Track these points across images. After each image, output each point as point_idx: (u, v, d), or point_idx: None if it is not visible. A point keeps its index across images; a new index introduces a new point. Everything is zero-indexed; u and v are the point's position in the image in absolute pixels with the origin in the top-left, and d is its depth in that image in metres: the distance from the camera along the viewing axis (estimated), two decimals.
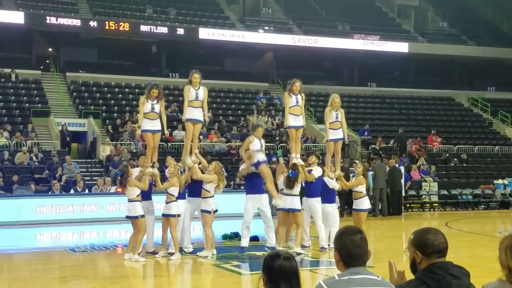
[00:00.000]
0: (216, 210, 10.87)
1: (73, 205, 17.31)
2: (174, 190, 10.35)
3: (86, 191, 18.86)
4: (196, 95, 11.30)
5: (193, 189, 11.24)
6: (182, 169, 11.30)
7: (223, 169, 12.72)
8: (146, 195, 10.75)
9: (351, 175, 18.58)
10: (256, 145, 10.91)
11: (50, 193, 18.36)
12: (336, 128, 12.77)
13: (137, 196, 10.05)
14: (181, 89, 29.94)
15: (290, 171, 11.10)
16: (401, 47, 33.77)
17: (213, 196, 10.83)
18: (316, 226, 11.68)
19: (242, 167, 11.75)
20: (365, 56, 33.47)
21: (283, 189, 11.17)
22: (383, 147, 25.70)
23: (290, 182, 10.95)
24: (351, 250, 3.21)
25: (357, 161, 22.44)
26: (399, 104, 32.58)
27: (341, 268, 3.24)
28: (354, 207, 12.22)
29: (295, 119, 11.75)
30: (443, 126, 30.20)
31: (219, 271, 9.72)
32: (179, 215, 10.45)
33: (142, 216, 10.01)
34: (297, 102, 11.76)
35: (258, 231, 12.10)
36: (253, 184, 11.02)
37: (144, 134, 11.26)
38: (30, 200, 17.09)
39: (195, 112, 11.41)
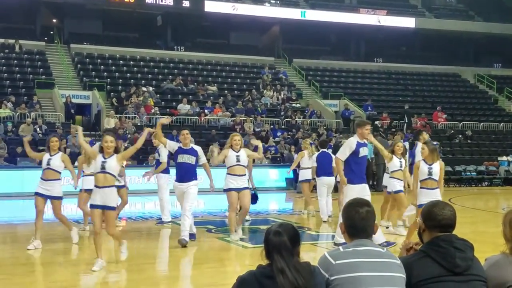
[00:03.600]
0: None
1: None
2: None
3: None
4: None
5: None
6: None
7: None
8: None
9: None
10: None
11: None
12: None
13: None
14: (186, 62, 30.26)
15: None
16: (408, 22, 33.54)
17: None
18: None
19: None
20: (372, 31, 33.26)
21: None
22: (388, 123, 25.68)
23: None
24: (355, 222, 3.25)
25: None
26: (405, 80, 32.48)
27: (347, 239, 3.29)
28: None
29: None
30: (448, 102, 30.16)
31: (222, 244, 9.86)
32: None
33: None
34: None
35: None
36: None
37: None
38: (34, 172, 17.13)
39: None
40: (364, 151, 9.02)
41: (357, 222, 3.24)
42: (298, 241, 3.13)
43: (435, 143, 9.60)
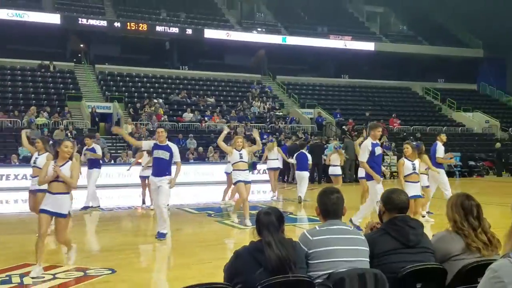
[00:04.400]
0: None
1: (102, 173, 17.24)
2: None
3: (112, 161, 18.92)
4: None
5: None
6: None
7: None
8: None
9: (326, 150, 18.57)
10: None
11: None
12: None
13: None
14: (189, 78, 30.25)
15: None
16: (369, 46, 33.81)
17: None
18: None
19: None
20: (339, 53, 33.30)
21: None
22: (353, 127, 25.79)
23: None
24: (328, 206, 3.28)
25: (331, 138, 22.54)
26: (366, 93, 32.61)
27: (322, 220, 3.32)
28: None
29: None
30: (401, 110, 30.31)
31: (221, 226, 9.80)
32: None
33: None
34: None
35: None
36: None
37: None
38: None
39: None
40: (378, 150, 8.48)
41: (329, 206, 3.27)
42: (283, 220, 3.16)
43: (415, 143, 9.03)
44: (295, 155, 14.07)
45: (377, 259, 3.13)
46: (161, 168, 7.99)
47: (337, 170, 12.87)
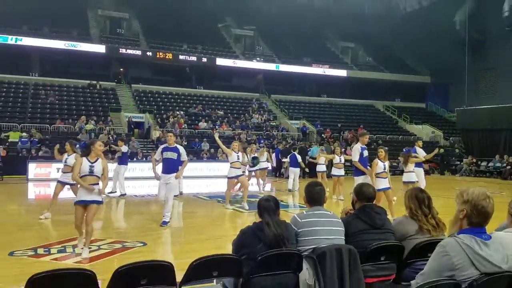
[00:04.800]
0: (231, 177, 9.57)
1: (136, 168, 17.30)
2: None
3: (143, 159, 18.87)
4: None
5: None
6: None
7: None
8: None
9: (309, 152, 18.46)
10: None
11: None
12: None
13: None
14: (204, 96, 30.23)
15: None
16: (342, 73, 33.80)
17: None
18: None
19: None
20: (320, 77, 33.29)
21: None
22: (330, 135, 25.77)
23: None
24: (313, 195, 3.28)
25: (313, 143, 22.49)
26: (340, 109, 32.51)
27: (308, 206, 3.32)
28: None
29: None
30: (367, 122, 30.08)
31: (228, 210, 9.79)
32: None
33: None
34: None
35: None
36: None
37: None
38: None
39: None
40: (365, 153, 8.37)
41: (314, 196, 3.27)
42: (278, 206, 3.17)
43: (404, 150, 8.90)
44: (288, 156, 14.21)
45: (351, 237, 3.13)
46: (170, 166, 7.47)
47: (323, 168, 12.89)
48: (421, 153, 10.62)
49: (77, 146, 9.50)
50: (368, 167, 8.40)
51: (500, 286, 2.36)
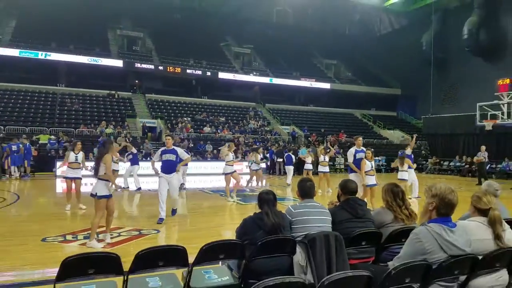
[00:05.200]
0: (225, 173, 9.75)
1: (149, 166, 17.05)
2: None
3: None
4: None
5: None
6: None
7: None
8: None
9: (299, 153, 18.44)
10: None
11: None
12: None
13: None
14: (208, 104, 30.18)
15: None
16: (326, 85, 33.83)
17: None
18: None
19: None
20: (307, 89, 33.35)
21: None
22: (315, 139, 25.80)
23: None
24: (305, 190, 3.29)
25: (301, 146, 22.49)
26: (325, 116, 32.53)
27: (300, 199, 3.32)
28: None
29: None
30: (347, 128, 30.11)
31: (229, 202, 9.78)
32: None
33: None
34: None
35: None
36: None
37: None
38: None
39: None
40: (359, 155, 8.04)
41: (306, 190, 3.28)
42: (276, 198, 3.17)
43: (372, 149, 8.83)
44: (284, 156, 14.51)
45: (337, 225, 3.14)
46: (170, 167, 6.91)
47: (310, 166, 12.91)
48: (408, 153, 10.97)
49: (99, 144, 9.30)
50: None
51: (464, 266, 2.40)
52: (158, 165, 7.21)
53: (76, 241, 5.28)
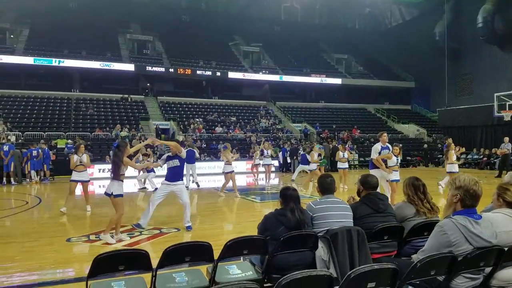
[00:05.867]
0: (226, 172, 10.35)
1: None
2: None
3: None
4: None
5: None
6: None
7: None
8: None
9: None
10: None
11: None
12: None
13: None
14: (218, 105, 30.32)
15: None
16: (337, 81, 33.53)
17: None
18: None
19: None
20: (318, 85, 33.12)
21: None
22: (327, 135, 25.68)
23: None
24: (325, 186, 3.31)
25: (314, 143, 22.41)
26: (336, 112, 32.34)
27: (320, 195, 3.33)
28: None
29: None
30: (360, 124, 29.96)
31: (245, 201, 9.84)
32: None
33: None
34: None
35: None
36: None
37: None
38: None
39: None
40: (384, 152, 7.80)
41: (326, 185, 3.30)
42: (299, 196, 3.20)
43: (400, 145, 8.56)
44: (300, 156, 14.73)
45: (358, 220, 3.15)
46: (175, 174, 6.32)
47: (314, 166, 13.18)
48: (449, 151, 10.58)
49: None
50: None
51: (490, 258, 2.39)
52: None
53: (99, 241, 5.41)
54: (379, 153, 7.87)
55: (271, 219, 3.05)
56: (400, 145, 8.35)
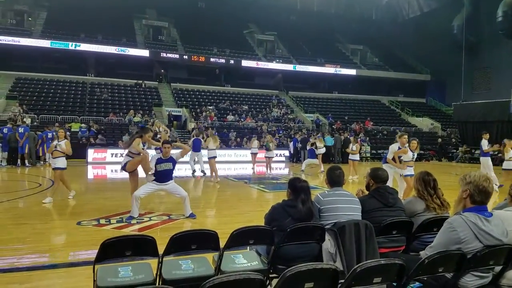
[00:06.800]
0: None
1: (173, 153, 17.42)
2: None
3: None
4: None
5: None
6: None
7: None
8: None
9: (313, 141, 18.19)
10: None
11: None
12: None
13: None
14: (231, 93, 30.27)
15: None
16: (352, 71, 33.11)
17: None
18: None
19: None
20: (332, 76, 32.77)
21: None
22: (340, 126, 25.45)
23: None
24: (334, 178, 3.27)
25: (324, 133, 22.23)
26: (350, 103, 32.03)
27: (329, 187, 3.30)
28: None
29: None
30: (373, 116, 29.72)
31: (253, 190, 9.85)
32: None
33: None
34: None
35: None
36: None
37: None
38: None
39: None
40: (399, 151, 7.38)
41: (335, 178, 3.26)
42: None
43: (417, 139, 8.14)
44: (307, 149, 14.94)
45: (367, 214, 3.11)
46: (166, 176, 5.98)
47: (322, 150, 14.38)
48: (485, 145, 10.92)
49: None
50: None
51: (500, 256, 2.34)
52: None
53: (109, 225, 5.50)
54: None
55: (278, 210, 3.03)
56: (417, 139, 7.95)
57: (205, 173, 12.04)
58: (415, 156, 7.59)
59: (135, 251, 2.37)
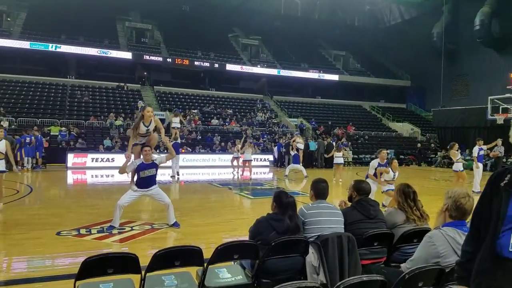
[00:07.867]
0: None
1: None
2: None
3: (165, 151, 18.84)
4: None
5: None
6: None
7: None
8: None
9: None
10: None
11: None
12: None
13: None
14: (216, 97, 30.11)
15: None
16: (334, 77, 33.46)
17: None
18: None
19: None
20: (315, 81, 32.99)
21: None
22: (323, 131, 25.68)
23: None
24: (319, 190, 3.30)
25: (309, 138, 22.41)
26: (333, 108, 32.29)
27: (313, 199, 3.33)
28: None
29: None
30: (355, 120, 29.83)
31: (238, 196, 9.82)
32: None
33: None
34: None
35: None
36: None
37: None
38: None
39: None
40: (380, 169, 7.49)
41: (320, 190, 3.29)
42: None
43: (397, 160, 8.03)
44: (292, 155, 15.04)
45: (349, 226, 3.16)
46: (149, 182, 5.79)
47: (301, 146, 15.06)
48: (475, 151, 11.07)
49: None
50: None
51: None
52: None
53: (90, 235, 5.38)
54: (375, 169, 7.66)
55: (263, 224, 3.04)
56: (397, 160, 7.98)
57: (176, 177, 11.99)
58: (396, 175, 7.62)
59: (117, 269, 2.33)
